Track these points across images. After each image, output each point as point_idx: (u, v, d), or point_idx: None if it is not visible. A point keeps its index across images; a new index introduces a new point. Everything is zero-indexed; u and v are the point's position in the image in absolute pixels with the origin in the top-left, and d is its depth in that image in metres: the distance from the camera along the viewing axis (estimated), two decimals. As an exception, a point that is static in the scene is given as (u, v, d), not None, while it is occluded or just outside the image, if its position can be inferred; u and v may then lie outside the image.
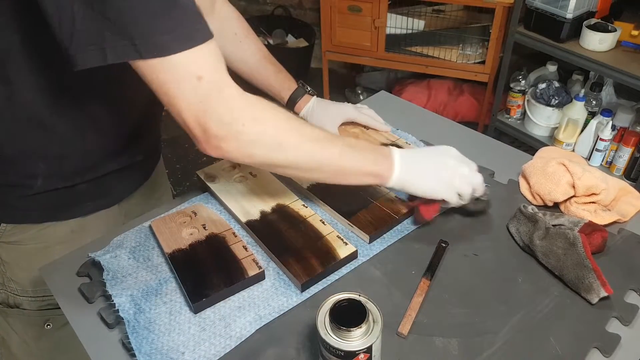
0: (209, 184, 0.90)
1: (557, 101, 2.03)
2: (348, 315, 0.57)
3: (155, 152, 1.01)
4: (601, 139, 1.89)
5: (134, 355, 0.65)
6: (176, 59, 0.57)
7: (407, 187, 0.75)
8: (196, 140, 0.64)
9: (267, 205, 0.86)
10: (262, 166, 0.72)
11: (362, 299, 0.59)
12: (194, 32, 0.58)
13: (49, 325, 0.91)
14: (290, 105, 0.99)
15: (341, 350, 0.56)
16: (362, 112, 1.01)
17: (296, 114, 0.99)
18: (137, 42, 0.54)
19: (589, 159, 1.97)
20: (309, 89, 0.99)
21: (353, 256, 0.78)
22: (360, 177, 0.73)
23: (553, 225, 0.76)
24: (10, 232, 0.82)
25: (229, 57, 0.95)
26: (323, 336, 0.56)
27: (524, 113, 2.16)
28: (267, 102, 0.66)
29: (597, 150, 1.93)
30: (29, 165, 0.76)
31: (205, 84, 0.59)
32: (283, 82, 0.98)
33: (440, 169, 0.76)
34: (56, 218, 0.83)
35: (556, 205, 0.87)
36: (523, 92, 2.14)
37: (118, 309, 0.70)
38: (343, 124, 1.01)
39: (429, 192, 0.76)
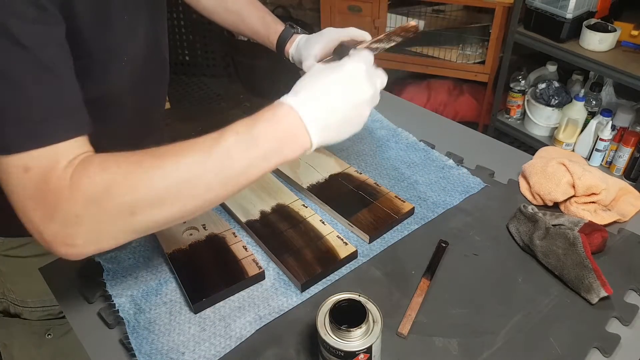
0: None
1: (557, 101, 2.03)
2: (348, 315, 0.57)
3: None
4: (601, 139, 1.89)
5: (134, 355, 0.65)
6: (9, 157, 0.49)
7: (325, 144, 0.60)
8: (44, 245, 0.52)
9: (267, 205, 0.86)
10: (150, 230, 0.54)
11: (362, 299, 0.59)
12: (39, 131, 0.49)
13: (50, 334, 0.91)
14: (279, 49, 0.90)
15: (341, 351, 0.56)
16: (344, 30, 0.86)
17: (287, 57, 0.91)
18: None
19: (588, 159, 1.97)
20: (297, 29, 0.94)
21: (353, 256, 0.78)
22: (267, 167, 0.56)
23: (553, 225, 0.76)
24: (7, 244, 0.82)
25: (213, 9, 0.92)
26: (323, 336, 0.56)
27: (524, 113, 2.16)
28: (106, 158, 0.52)
29: (597, 150, 1.93)
30: None
31: (33, 175, 0.49)
32: (269, 27, 0.90)
33: (357, 112, 0.60)
34: None
35: (556, 205, 0.87)
36: (523, 92, 2.14)
37: (118, 309, 0.70)
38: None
39: (347, 136, 0.61)
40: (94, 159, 0.51)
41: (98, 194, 0.49)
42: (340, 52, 0.71)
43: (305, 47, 0.84)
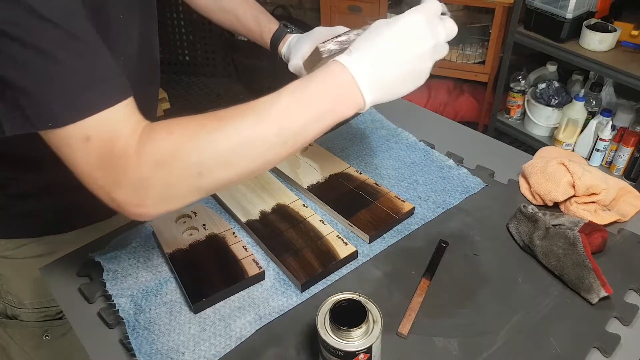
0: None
1: (557, 101, 2.03)
2: (348, 315, 0.57)
3: None
4: (601, 139, 1.89)
5: (134, 355, 0.65)
6: (65, 129, 0.50)
7: (383, 101, 0.61)
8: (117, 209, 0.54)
9: (267, 205, 0.86)
10: (216, 190, 0.57)
11: (362, 299, 0.59)
12: (85, 99, 0.50)
13: (47, 336, 0.91)
14: (273, 48, 0.91)
15: (341, 351, 0.56)
16: (332, 29, 0.85)
17: (280, 56, 0.91)
18: (28, 113, 0.50)
19: (588, 159, 1.97)
20: (291, 28, 0.92)
21: (353, 256, 0.78)
22: (324, 125, 0.57)
23: (553, 225, 0.76)
24: (4, 246, 0.82)
25: (208, 7, 0.92)
26: (323, 336, 0.56)
27: (524, 113, 2.17)
28: (169, 124, 0.53)
29: (597, 150, 1.93)
30: (22, 185, 0.76)
31: (94, 144, 0.50)
32: (263, 26, 0.90)
33: (414, 67, 0.59)
34: (59, 230, 0.84)
35: (556, 205, 0.87)
36: (523, 92, 2.15)
37: (118, 309, 0.70)
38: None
39: (407, 92, 0.62)
40: (157, 125, 0.53)
41: (166, 157, 0.51)
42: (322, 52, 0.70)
43: (295, 46, 0.85)
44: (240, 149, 0.53)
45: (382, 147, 1.02)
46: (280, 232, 0.81)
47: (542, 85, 2.07)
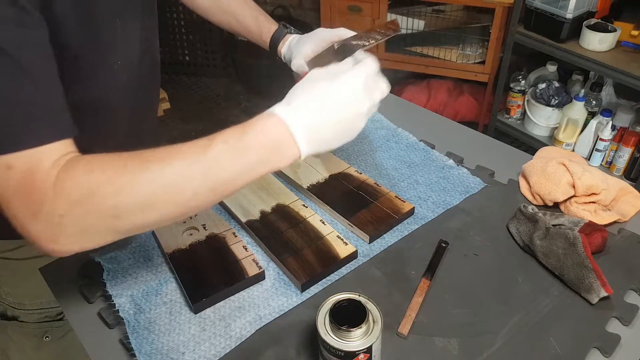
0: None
1: (557, 101, 2.03)
2: (348, 315, 0.57)
3: None
4: (601, 139, 1.89)
5: (134, 355, 0.65)
6: None
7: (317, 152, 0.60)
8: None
9: (267, 205, 0.86)
10: (135, 232, 0.55)
11: (362, 299, 0.59)
12: (14, 135, 0.49)
13: (47, 337, 0.91)
14: (273, 49, 0.91)
15: (341, 351, 0.56)
16: (334, 30, 0.85)
17: (280, 57, 0.91)
18: None
19: (588, 159, 1.97)
20: (290, 28, 0.91)
21: (353, 256, 0.78)
22: (255, 175, 0.56)
23: (553, 225, 0.76)
24: (3, 247, 0.82)
25: (207, 8, 0.92)
26: (323, 336, 0.56)
27: (524, 113, 2.16)
28: (91, 161, 0.51)
29: (597, 150, 1.93)
30: None
31: (15, 174, 0.48)
32: (262, 26, 0.90)
33: (351, 125, 0.59)
34: None
35: (556, 205, 0.87)
36: (523, 92, 2.14)
37: (118, 309, 0.70)
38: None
39: (340, 145, 0.60)
40: (79, 160, 0.51)
41: (82, 196, 0.49)
42: (343, 52, 0.69)
43: (296, 46, 0.85)
44: (163, 194, 0.51)
45: (382, 147, 1.02)
46: (280, 232, 0.81)
47: (542, 85, 2.07)
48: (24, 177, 0.48)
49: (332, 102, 0.56)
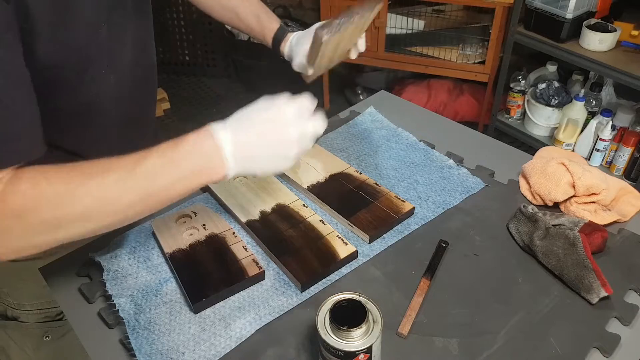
0: (209, 184, 0.90)
1: (557, 101, 2.03)
2: (348, 315, 0.57)
3: None
4: (601, 139, 1.89)
5: (134, 355, 0.65)
6: None
7: (248, 174, 0.65)
8: None
9: (267, 205, 0.86)
10: (73, 240, 0.57)
11: (362, 299, 0.59)
12: None
13: (47, 337, 0.91)
14: (275, 48, 0.91)
15: (341, 351, 0.56)
16: None
17: (282, 56, 0.92)
18: None
19: (589, 159, 1.97)
20: (292, 27, 0.93)
21: (353, 256, 0.78)
22: (187, 188, 0.59)
23: (553, 225, 0.76)
24: None
25: (209, 4, 0.93)
26: (323, 336, 0.56)
27: (524, 113, 2.16)
28: (35, 175, 0.53)
29: (597, 150, 1.93)
30: None
31: None
32: (264, 25, 0.90)
33: (279, 151, 0.61)
34: None
35: (556, 205, 0.87)
36: (523, 92, 2.14)
37: (118, 309, 0.70)
38: None
39: (273, 172, 0.64)
40: (23, 174, 0.52)
41: (25, 208, 0.51)
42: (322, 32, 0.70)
43: (296, 45, 0.85)
44: (101, 206, 0.54)
45: (382, 147, 1.02)
46: (280, 232, 0.81)
47: (542, 85, 2.07)
48: None
49: (262, 124, 0.59)
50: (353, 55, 0.86)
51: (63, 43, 0.60)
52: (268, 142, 0.59)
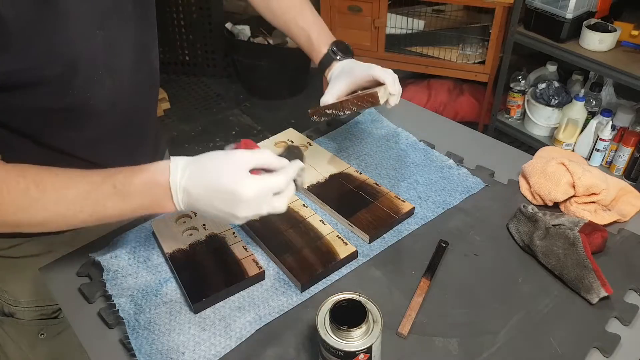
0: None
1: (557, 101, 2.03)
2: (348, 315, 0.57)
3: (156, 154, 0.99)
4: (601, 139, 1.89)
5: (134, 355, 0.65)
6: None
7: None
8: None
9: (267, 205, 0.86)
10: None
11: (362, 299, 0.59)
12: None
13: (43, 335, 0.91)
14: (322, 72, 0.94)
15: (341, 351, 0.56)
16: (368, 69, 0.86)
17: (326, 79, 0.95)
18: None
19: (589, 159, 1.97)
20: (339, 55, 0.91)
21: (353, 256, 0.78)
22: (137, 215, 0.63)
23: (553, 225, 0.76)
24: None
25: (271, 20, 0.97)
26: (323, 336, 0.56)
27: (524, 113, 2.17)
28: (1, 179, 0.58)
29: (597, 150, 1.93)
30: None
31: None
32: (312, 48, 0.93)
33: (226, 218, 0.62)
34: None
35: (556, 205, 0.87)
36: (523, 92, 2.15)
37: (118, 309, 0.70)
38: None
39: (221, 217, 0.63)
40: None
41: None
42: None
43: (333, 81, 0.87)
44: (56, 219, 0.60)
45: (382, 147, 1.02)
46: (280, 232, 0.81)
47: (542, 85, 2.07)
48: None
49: (216, 192, 0.59)
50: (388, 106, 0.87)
51: (53, 56, 0.62)
52: (216, 209, 0.60)
